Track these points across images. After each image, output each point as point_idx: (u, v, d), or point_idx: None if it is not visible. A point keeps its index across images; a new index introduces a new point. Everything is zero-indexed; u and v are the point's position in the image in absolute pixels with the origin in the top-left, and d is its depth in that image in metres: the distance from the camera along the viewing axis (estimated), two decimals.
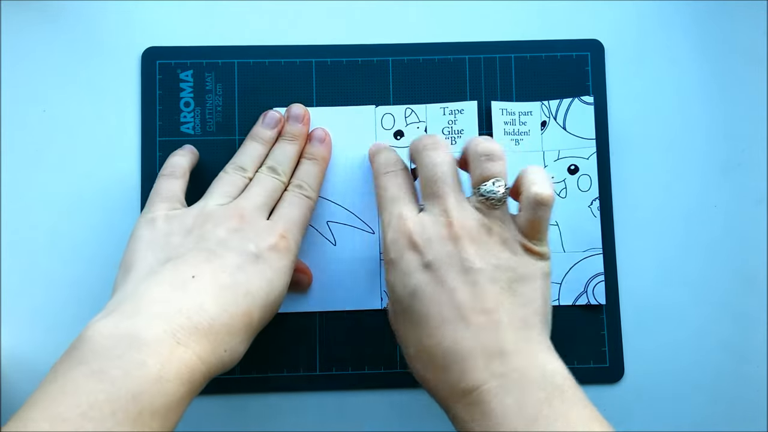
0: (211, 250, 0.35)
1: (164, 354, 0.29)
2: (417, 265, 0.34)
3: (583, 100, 0.44)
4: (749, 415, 0.43)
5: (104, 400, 0.27)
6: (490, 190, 0.35)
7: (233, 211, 0.37)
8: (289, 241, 0.37)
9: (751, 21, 0.46)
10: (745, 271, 0.44)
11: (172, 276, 0.33)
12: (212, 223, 0.36)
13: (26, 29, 0.44)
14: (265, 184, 0.39)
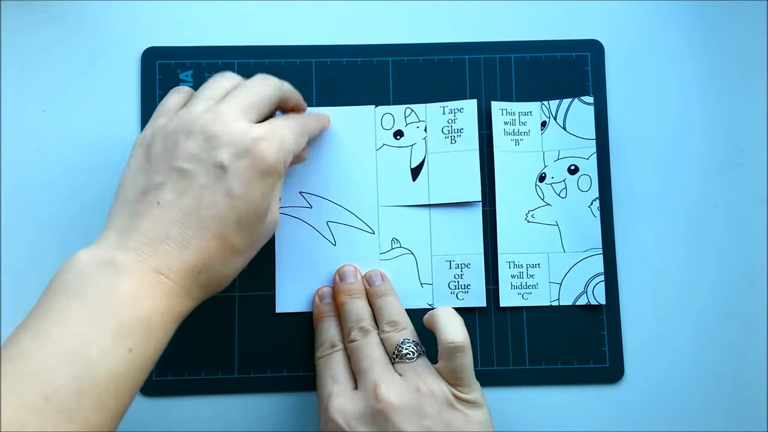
0: (181, 169, 0.34)
1: (136, 278, 0.31)
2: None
3: (583, 101, 0.44)
4: (749, 415, 0.43)
5: (83, 317, 0.30)
6: (405, 354, 0.37)
7: (211, 114, 0.35)
8: (271, 143, 0.35)
9: (751, 21, 0.46)
10: (745, 271, 0.44)
11: (142, 206, 0.34)
12: (186, 132, 0.34)
13: (27, 29, 0.44)
14: (255, 85, 0.37)
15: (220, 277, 0.35)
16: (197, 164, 0.34)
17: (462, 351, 0.36)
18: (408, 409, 0.35)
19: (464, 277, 0.43)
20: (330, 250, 0.43)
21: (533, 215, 0.43)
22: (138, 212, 0.33)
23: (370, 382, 0.36)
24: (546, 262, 0.43)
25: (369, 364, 0.37)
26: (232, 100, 0.36)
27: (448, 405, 0.36)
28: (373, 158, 0.44)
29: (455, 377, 0.36)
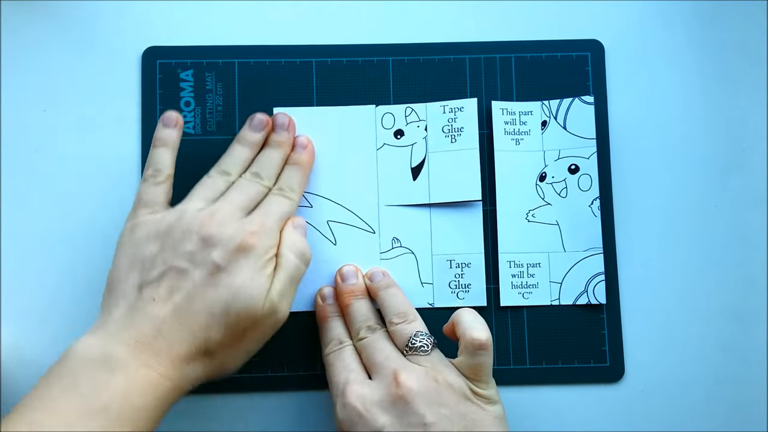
0: (178, 268, 0.35)
1: (130, 373, 0.33)
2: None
3: (584, 100, 0.44)
4: (749, 415, 0.43)
5: (75, 410, 0.31)
6: (420, 347, 0.37)
7: (207, 216, 0.37)
8: (260, 237, 0.37)
9: (751, 21, 0.46)
10: (745, 271, 0.44)
11: (138, 302, 0.35)
12: (182, 232, 0.36)
13: (26, 29, 0.44)
14: (246, 188, 0.39)
15: (220, 369, 0.36)
16: (193, 264, 0.36)
17: (485, 349, 0.36)
18: (427, 395, 0.35)
19: (465, 276, 0.43)
20: (330, 250, 0.43)
21: (534, 215, 0.43)
22: (134, 308, 0.35)
23: (389, 370, 0.36)
24: (546, 261, 0.43)
25: (384, 356, 0.37)
26: (225, 201, 0.38)
27: (465, 397, 0.36)
28: (373, 158, 0.44)
29: (475, 374, 0.37)
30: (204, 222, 0.36)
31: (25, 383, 0.42)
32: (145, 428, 0.33)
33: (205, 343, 0.35)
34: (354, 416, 0.35)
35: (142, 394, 0.33)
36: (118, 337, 0.34)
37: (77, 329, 0.42)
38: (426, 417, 0.34)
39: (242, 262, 0.36)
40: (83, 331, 0.42)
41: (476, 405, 0.36)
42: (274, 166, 0.41)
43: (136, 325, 0.34)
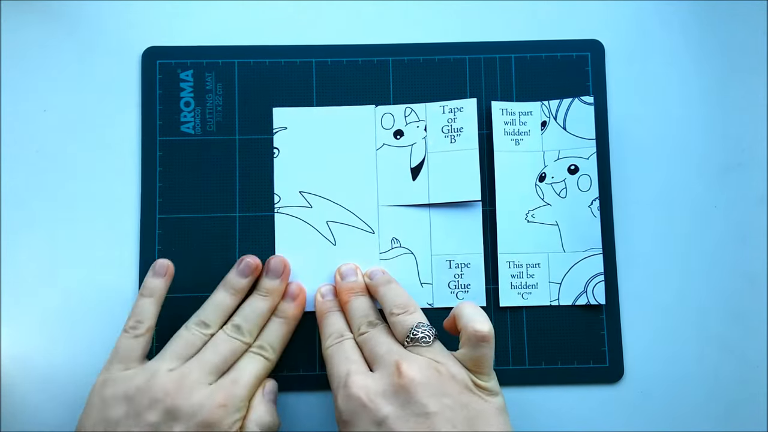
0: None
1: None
2: (370, 422, 0.34)
3: (583, 101, 0.44)
4: (749, 415, 0.43)
5: None
6: (421, 338, 0.37)
7: (174, 382, 0.37)
8: (227, 411, 0.36)
9: (751, 21, 0.46)
10: (745, 271, 0.44)
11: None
12: (149, 399, 0.36)
13: (26, 29, 0.44)
14: (222, 347, 0.39)
15: None
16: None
17: (487, 341, 0.36)
18: (430, 385, 0.35)
19: (464, 276, 0.43)
20: (330, 250, 0.43)
21: (533, 215, 0.43)
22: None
23: (391, 361, 0.36)
24: (546, 261, 0.43)
25: (386, 348, 0.37)
26: (200, 360, 0.38)
27: (467, 388, 0.36)
28: (373, 158, 0.44)
29: (476, 366, 0.36)
30: (169, 391, 0.36)
31: (25, 387, 0.42)
32: None
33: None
34: (357, 407, 0.35)
35: None
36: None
37: (77, 332, 0.42)
38: (429, 406, 0.34)
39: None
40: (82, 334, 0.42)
41: (478, 396, 0.36)
42: (258, 318, 0.40)
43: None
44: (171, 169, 0.44)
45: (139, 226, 0.43)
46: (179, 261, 0.43)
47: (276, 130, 0.44)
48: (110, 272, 0.43)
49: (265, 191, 0.44)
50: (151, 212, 0.43)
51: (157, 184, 0.43)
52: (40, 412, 0.42)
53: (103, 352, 0.42)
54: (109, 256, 0.43)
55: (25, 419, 0.42)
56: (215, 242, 0.43)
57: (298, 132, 0.44)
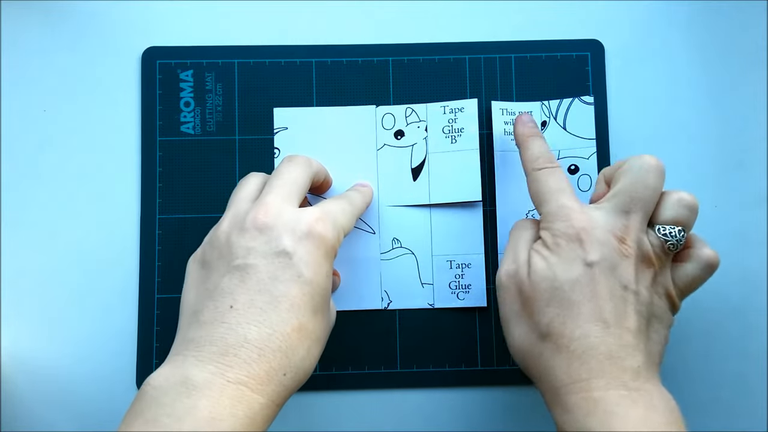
0: (242, 267, 0.32)
1: (214, 395, 0.29)
2: (579, 258, 0.34)
3: (583, 100, 0.44)
4: (749, 415, 0.43)
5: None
6: (677, 238, 0.35)
7: (256, 208, 0.34)
8: (326, 224, 0.34)
9: (750, 21, 0.46)
10: (745, 271, 0.44)
11: (213, 313, 0.32)
12: (238, 230, 0.34)
13: (26, 29, 0.44)
14: (285, 171, 0.37)
15: (304, 373, 0.33)
16: (258, 257, 0.33)
17: (714, 270, 0.35)
18: (639, 268, 0.34)
19: (465, 276, 0.43)
20: None
21: (534, 215, 0.43)
22: (208, 321, 0.31)
23: (622, 224, 0.34)
24: None
25: (637, 208, 0.35)
26: (271, 192, 0.35)
27: (662, 293, 0.35)
28: (373, 158, 0.44)
29: (688, 287, 0.36)
30: (256, 214, 0.34)
31: (25, 387, 0.42)
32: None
33: (299, 339, 0.32)
34: (574, 235, 0.34)
35: (232, 416, 0.29)
36: (198, 357, 0.30)
37: (77, 332, 0.42)
38: (631, 283, 0.33)
39: (310, 246, 0.33)
40: (82, 334, 0.42)
41: (664, 302, 0.35)
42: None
43: (212, 338, 0.31)
44: (171, 170, 0.44)
45: (139, 226, 0.43)
46: (179, 261, 0.43)
47: (276, 131, 0.44)
48: (110, 272, 0.43)
49: None
50: (151, 212, 0.43)
51: (157, 184, 0.43)
52: (40, 412, 0.42)
53: (103, 352, 0.42)
54: (109, 256, 0.43)
55: (25, 419, 0.42)
56: None
57: (298, 132, 0.44)
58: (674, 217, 0.35)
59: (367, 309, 0.43)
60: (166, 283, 0.43)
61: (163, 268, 0.43)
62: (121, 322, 0.43)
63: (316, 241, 0.34)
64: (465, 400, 0.43)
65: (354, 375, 0.43)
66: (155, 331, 0.42)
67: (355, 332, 0.43)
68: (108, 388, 0.42)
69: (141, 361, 0.42)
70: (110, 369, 0.42)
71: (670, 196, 0.35)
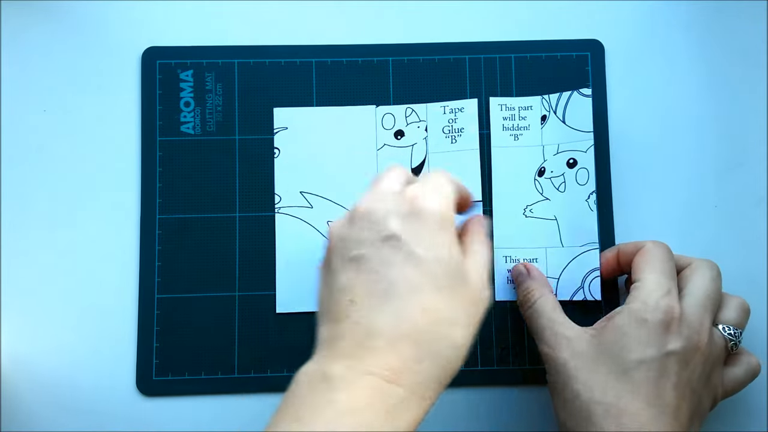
0: (355, 259, 0.32)
1: (350, 387, 0.29)
2: (659, 343, 0.35)
3: (582, 93, 0.43)
4: (749, 415, 0.43)
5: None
6: (739, 339, 0.38)
7: (360, 199, 0.34)
8: (426, 195, 0.33)
9: (750, 21, 0.46)
10: (745, 271, 0.44)
11: (337, 311, 0.32)
12: (349, 223, 0.33)
13: (27, 29, 0.44)
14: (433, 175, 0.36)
15: (448, 360, 0.31)
16: (368, 247, 0.32)
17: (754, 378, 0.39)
18: (704, 365, 0.36)
19: None
20: None
21: (531, 210, 0.43)
22: (334, 319, 0.31)
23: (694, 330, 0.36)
24: (544, 256, 0.43)
25: (705, 316, 0.37)
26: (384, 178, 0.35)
27: (712, 387, 0.37)
28: (374, 158, 0.44)
29: (732, 391, 0.38)
30: (362, 203, 0.33)
31: (25, 388, 0.42)
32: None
33: (429, 323, 0.31)
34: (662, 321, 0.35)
35: (370, 407, 0.28)
36: (331, 353, 0.30)
37: (77, 332, 0.42)
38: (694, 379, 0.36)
39: (418, 227, 0.32)
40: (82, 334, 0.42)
41: (711, 397, 0.37)
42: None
43: (340, 333, 0.31)
44: (171, 170, 0.44)
45: (139, 226, 0.43)
46: (179, 261, 0.43)
47: (276, 130, 0.44)
48: (110, 272, 0.43)
49: (266, 191, 0.44)
50: (151, 212, 0.43)
51: (157, 184, 0.43)
52: (40, 413, 0.42)
53: (103, 352, 0.42)
54: (109, 256, 0.43)
55: (25, 419, 0.42)
56: (215, 242, 0.43)
57: (298, 132, 0.44)
58: (737, 319, 0.38)
59: None
60: (166, 283, 0.43)
61: (163, 268, 0.43)
62: (121, 322, 0.42)
63: (423, 215, 0.32)
64: (465, 400, 0.43)
65: None
66: (155, 331, 0.42)
67: None
68: (108, 389, 0.42)
69: (141, 361, 0.42)
70: (110, 369, 0.42)
71: (733, 300, 0.39)
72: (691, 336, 0.35)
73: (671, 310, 0.35)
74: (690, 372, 0.35)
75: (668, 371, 0.34)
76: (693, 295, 0.37)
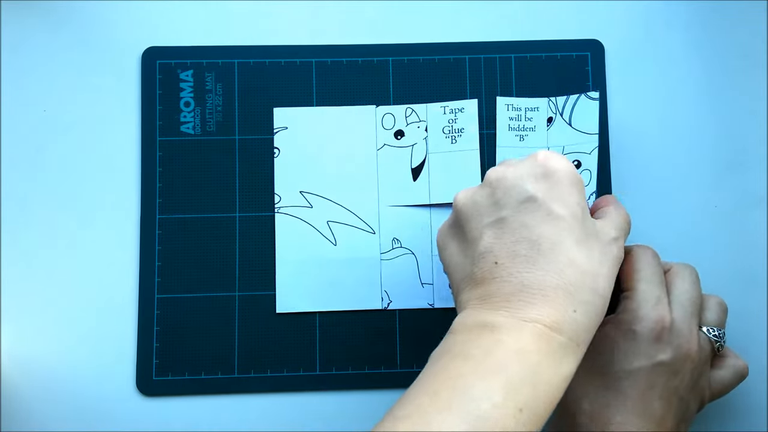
0: (494, 224, 0.33)
1: (515, 331, 0.30)
2: (649, 353, 0.35)
3: (589, 96, 0.43)
4: (749, 415, 0.43)
5: (471, 372, 0.29)
6: (724, 339, 0.38)
7: (496, 167, 0.36)
8: (557, 157, 0.35)
9: (750, 21, 0.46)
10: (745, 271, 0.44)
11: (482, 273, 0.33)
12: (480, 189, 0.35)
13: (26, 29, 0.44)
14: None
15: (595, 309, 0.32)
16: (506, 210, 0.33)
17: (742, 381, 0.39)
18: (692, 370, 0.36)
19: None
20: (330, 250, 0.43)
21: None
22: (479, 280, 0.33)
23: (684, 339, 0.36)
24: None
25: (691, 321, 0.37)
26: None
27: (700, 393, 0.37)
28: (373, 158, 0.44)
29: (720, 393, 0.38)
30: (490, 173, 0.35)
31: (25, 388, 0.42)
32: (545, 396, 0.29)
33: (575, 274, 0.32)
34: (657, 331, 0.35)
35: (537, 350, 0.30)
36: (485, 306, 0.32)
37: (77, 332, 0.42)
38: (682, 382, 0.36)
39: (551, 185, 0.34)
40: (82, 334, 0.42)
41: (697, 401, 0.37)
42: None
43: (491, 291, 0.32)
44: (171, 170, 0.44)
45: (139, 226, 0.43)
46: (179, 261, 0.43)
47: (276, 130, 0.44)
48: (110, 272, 0.43)
49: (266, 191, 0.44)
50: (151, 212, 0.43)
51: (157, 184, 0.43)
52: (40, 413, 0.42)
53: (103, 352, 0.42)
54: (109, 256, 0.43)
55: (25, 419, 0.42)
56: (215, 242, 0.43)
57: (298, 132, 0.44)
58: (718, 320, 0.38)
59: (367, 309, 0.43)
60: (166, 283, 0.43)
61: (163, 268, 0.43)
62: (121, 322, 0.42)
63: (556, 175, 0.34)
64: None
65: (354, 375, 0.43)
66: (155, 331, 0.42)
67: (355, 332, 0.43)
68: (108, 388, 0.42)
69: (141, 361, 0.42)
70: (110, 369, 0.42)
71: (711, 300, 0.39)
72: (681, 345, 0.35)
73: (662, 320, 0.35)
74: (679, 381, 0.35)
75: (657, 382, 0.35)
76: (680, 302, 0.37)
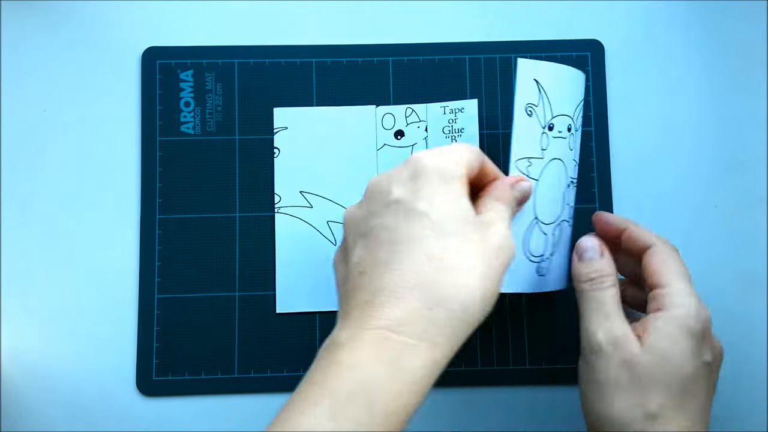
0: (364, 234, 0.32)
1: (355, 346, 0.29)
2: (698, 353, 0.35)
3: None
4: (749, 415, 0.43)
5: (313, 400, 0.29)
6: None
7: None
8: (431, 156, 0.33)
9: (751, 21, 0.46)
10: (745, 271, 0.44)
11: (351, 285, 0.32)
12: (358, 205, 0.34)
13: (26, 29, 0.44)
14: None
15: (463, 306, 0.30)
16: (375, 218, 0.32)
17: None
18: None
19: None
20: (330, 250, 0.43)
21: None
22: (350, 294, 0.32)
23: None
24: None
25: None
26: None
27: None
28: (374, 158, 0.44)
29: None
30: (369, 184, 0.34)
31: (25, 388, 0.42)
32: (386, 405, 0.29)
33: (433, 269, 0.31)
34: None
35: (375, 358, 0.29)
36: (344, 324, 0.31)
37: (77, 332, 0.42)
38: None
39: (415, 185, 0.32)
40: (82, 334, 0.42)
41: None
42: None
43: (351, 304, 0.31)
44: (171, 170, 0.44)
45: (139, 226, 0.43)
46: (179, 261, 0.43)
47: (276, 130, 0.44)
48: (110, 272, 0.43)
49: (265, 191, 0.44)
50: (151, 212, 0.43)
51: (157, 184, 0.43)
52: (40, 412, 0.42)
53: (103, 352, 0.42)
54: (109, 256, 0.43)
55: (25, 419, 0.42)
56: (215, 242, 0.43)
57: (298, 132, 0.44)
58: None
59: None
60: (166, 283, 0.43)
61: (163, 268, 0.43)
62: (121, 322, 0.42)
63: (423, 174, 0.32)
64: (465, 399, 0.43)
65: None
66: (155, 331, 0.42)
67: None
68: (108, 388, 0.42)
69: (141, 361, 0.42)
70: (110, 369, 0.42)
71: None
72: (715, 345, 0.36)
73: (708, 320, 0.36)
74: (715, 379, 0.36)
75: (710, 380, 0.36)
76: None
